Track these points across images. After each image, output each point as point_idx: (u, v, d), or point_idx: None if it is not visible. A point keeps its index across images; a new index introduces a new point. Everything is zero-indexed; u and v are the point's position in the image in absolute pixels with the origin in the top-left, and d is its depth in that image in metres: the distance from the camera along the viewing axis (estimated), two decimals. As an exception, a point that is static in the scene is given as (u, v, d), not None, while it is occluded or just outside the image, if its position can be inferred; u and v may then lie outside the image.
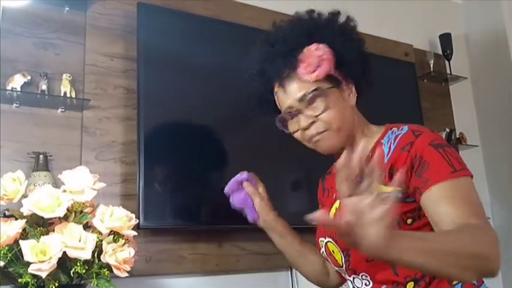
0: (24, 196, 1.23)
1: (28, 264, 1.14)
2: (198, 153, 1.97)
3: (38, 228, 1.20)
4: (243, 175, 1.33)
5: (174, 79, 1.96)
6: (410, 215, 1.03)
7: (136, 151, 1.82)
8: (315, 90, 1.09)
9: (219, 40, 2.11)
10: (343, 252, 1.13)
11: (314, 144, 1.14)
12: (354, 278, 1.13)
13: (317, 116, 1.10)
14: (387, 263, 1.02)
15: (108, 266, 1.23)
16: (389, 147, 1.07)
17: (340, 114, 1.11)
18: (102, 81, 1.90)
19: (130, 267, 1.27)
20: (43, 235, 1.18)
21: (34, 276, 1.14)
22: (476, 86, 3.05)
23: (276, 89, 1.16)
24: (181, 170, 1.92)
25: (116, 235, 1.27)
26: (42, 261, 1.13)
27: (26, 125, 1.74)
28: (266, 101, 1.20)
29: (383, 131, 1.13)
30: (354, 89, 1.15)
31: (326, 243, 1.18)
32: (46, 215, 1.18)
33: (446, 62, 2.86)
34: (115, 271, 1.23)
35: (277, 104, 1.18)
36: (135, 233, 1.31)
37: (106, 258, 1.21)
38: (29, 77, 1.73)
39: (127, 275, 1.25)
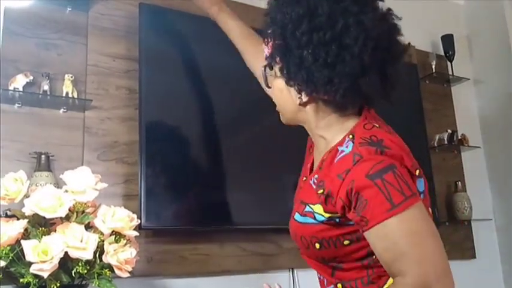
0: (26, 196, 1.23)
1: (30, 264, 1.14)
2: (200, 153, 1.98)
3: (40, 229, 1.20)
4: None
5: (176, 79, 1.97)
6: (348, 236, 1.01)
7: (138, 151, 1.82)
8: (265, 65, 1.13)
9: (221, 41, 2.10)
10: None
11: None
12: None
13: (266, 86, 1.17)
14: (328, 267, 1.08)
15: (110, 267, 1.23)
16: (333, 162, 1.01)
17: (280, 101, 1.14)
18: (104, 82, 1.91)
19: (132, 268, 1.27)
20: (45, 235, 1.18)
21: (36, 276, 1.14)
22: (478, 87, 3.04)
23: None
24: (183, 170, 1.92)
25: (117, 235, 1.27)
26: (44, 261, 1.13)
27: (28, 125, 1.75)
28: None
29: (346, 133, 1.04)
30: (303, 93, 1.05)
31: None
32: (48, 215, 1.19)
33: (448, 63, 2.86)
34: (116, 271, 1.23)
35: None
36: (136, 233, 1.31)
37: (107, 258, 1.21)
38: (31, 77, 1.73)
39: (128, 275, 1.25)
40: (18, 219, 1.22)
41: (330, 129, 1.08)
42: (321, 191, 1.01)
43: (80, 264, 1.19)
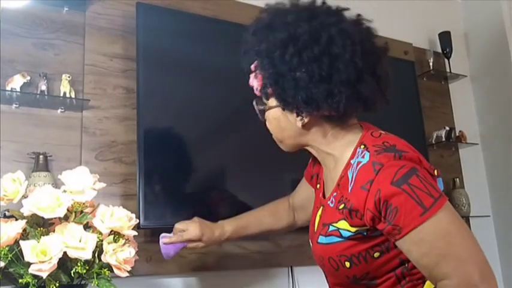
0: (25, 196, 1.23)
1: (29, 264, 1.14)
2: (198, 152, 1.97)
3: (38, 229, 1.19)
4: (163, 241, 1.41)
5: (174, 79, 1.96)
6: (378, 248, 1.00)
7: (136, 151, 1.82)
8: (257, 102, 1.15)
9: (219, 40, 2.11)
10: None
11: None
12: None
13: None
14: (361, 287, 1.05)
15: (109, 266, 1.23)
16: (352, 175, 0.99)
17: (278, 130, 1.14)
18: (102, 81, 1.90)
19: (131, 267, 1.27)
20: (43, 235, 1.18)
21: (35, 276, 1.14)
22: (475, 84, 3.05)
23: None
24: (181, 169, 1.92)
25: (116, 235, 1.27)
26: (43, 262, 1.13)
27: (25, 125, 1.74)
28: None
29: (355, 146, 1.05)
30: (304, 113, 1.05)
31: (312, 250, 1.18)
32: (46, 216, 1.18)
33: (446, 61, 2.86)
34: (116, 271, 1.23)
35: None
36: (135, 232, 1.31)
37: (106, 258, 1.21)
38: (29, 78, 1.73)
39: (128, 274, 1.25)
40: (16, 219, 1.22)
41: (335, 145, 1.08)
42: (342, 206, 1.00)
43: (79, 264, 1.18)
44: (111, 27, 1.97)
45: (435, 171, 0.99)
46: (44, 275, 1.13)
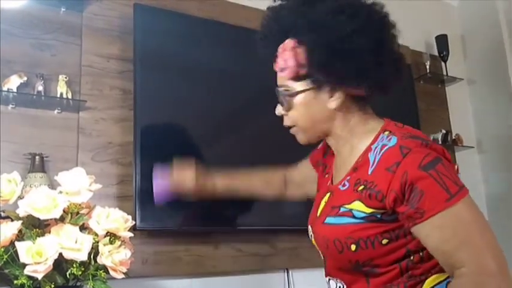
0: (20, 197, 1.23)
1: (24, 265, 1.13)
2: (195, 154, 1.97)
3: (34, 230, 1.19)
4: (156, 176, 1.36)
5: (171, 80, 1.96)
6: (387, 235, 0.99)
7: (132, 152, 1.82)
8: (284, 89, 1.08)
9: (215, 41, 2.11)
10: (321, 254, 1.13)
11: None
12: (329, 279, 1.12)
13: (286, 111, 1.10)
14: (361, 274, 1.03)
15: (105, 268, 1.22)
16: (375, 158, 1.00)
17: (306, 116, 1.08)
18: (99, 82, 1.90)
19: (127, 269, 1.26)
20: (39, 236, 1.17)
21: (30, 277, 1.14)
22: (472, 87, 3.06)
23: None
24: (178, 171, 1.91)
25: (112, 236, 1.26)
26: (38, 263, 1.13)
27: (22, 126, 1.74)
28: None
29: (376, 133, 1.06)
30: (338, 93, 1.05)
31: (311, 235, 1.15)
32: (42, 216, 1.18)
33: (443, 64, 2.87)
34: (111, 273, 1.23)
35: None
36: (131, 234, 1.31)
37: (102, 259, 1.21)
38: (25, 78, 1.73)
39: (123, 276, 1.25)
40: (12, 220, 1.21)
41: (356, 132, 1.09)
42: (361, 188, 1.00)
43: (74, 265, 1.18)
44: (108, 28, 1.97)
45: (455, 166, 1.00)
46: (40, 276, 1.13)
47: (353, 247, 1.00)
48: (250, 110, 2.12)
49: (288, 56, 1.04)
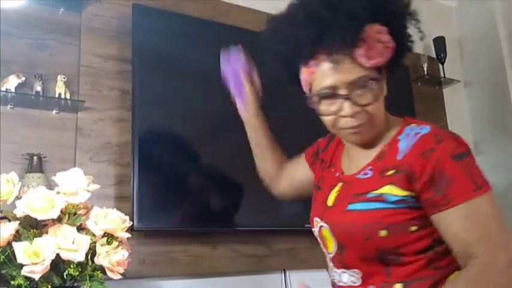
0: (18, 198, 1.23)
1: (21, 266, 1.14)
2: (193, 155, 1.98)
3: (32, 230, 1.19)
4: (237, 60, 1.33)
5: (169, 81, 1.97)
6: (416, 222, 0.99)
7: (130, 153, 1.82)
8: (371, 78, 1.00)
9: (214, 42, 2.10)
10: (337, 244, 1.08)
11: (348, 133, 1.06)
12: (342, 272, 1.08)
13: (365, 105, 1.01)
14: (383, 264, 1.01)
15: (102, 268, 1.23)
16: (406, 145, 1.02)
17: (380, 107, 1.05)
18: (97, 83, 1.90)
19: (124, 270, 1.26)
20: (36, 237, 1.17)
21: (27, 278, 1.14)
22: (469, 89, 3.07)
23: (316, 60, 1.01)
24: (176, 172, 1.92)
25: (109, 237, 1.26)
26: (35, 263, 1.13)
27: (20, 126, 1.74)
28: (289, 65, 1.08)
29: (400, 126, 1.08)
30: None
31: (321, 226, 1.11)
32: (39, 217, 1.18)
33: (440, 66, 2.88)
34: (108, 273, 1.23)
35: (305, 76, 1.05)
36: (128, 235, 1.31)
37: (99, 260, 1.21)
38: (24, 78, 1.72)
39: (120, 277, 1.25)
40: (9, 220, 1.21)
41: (384, 124, 1.09)
42: (391, 172, 1.01)
43: (71, 266, 1.18)
44: (106, 28, 1.97)
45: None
46: (37, 276, 1.13)
47: (383, 233, 0.99)
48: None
49: (375, 43, 0.99)
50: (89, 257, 1.22)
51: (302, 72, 1.06)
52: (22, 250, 1.14)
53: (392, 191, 1.00)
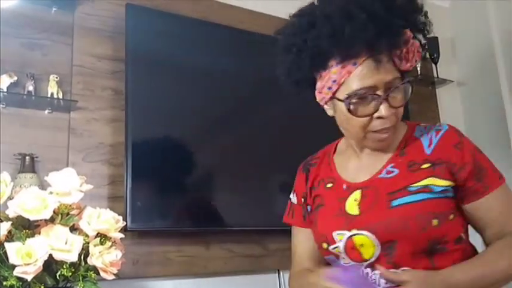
0: (10, 198, 1.22)
1: (13, 267, 1.13)
2: (186, 154, 1.97)
3: (24, 231, 1.18)
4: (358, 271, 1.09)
5: (163, 81, 1.96)
6: (452, 211, 1.05)
7: (123, 153, 1.81)
8: (406, 80, 1.02)
9: (208, 42, 2.11)
10: (382, 245, 1.04)
11: (377, 136, 1.05)
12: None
13: (397, 107, 1.02)
14: (428, 258, 1.03)
15: (95, 269, 1.22)
16: (430, 140, 1.08)
17: (401, 112, 1.06)
18: (90, 83, 1.89)
19: (117, 270, 1.26)
20: (29, 237, 1.17)
21: (19, 279, 1.13)
22: (462, 89, 3.08)
23: (355, 59, 0.99)
24: (169, 171, 1.91)
25: (102, 237, 1.26)
26: (28, 264, 1.12)
27: (12, 126, 1.73)
28: (316, 63, 1.04)
29: (408, 127, 1.15)
30: None
31: (350, 236, 1.06)
32: (32, 217, 1.17)
33: (433, 66, 2.89)
34: (102, 274, 1.22)
35: (337, 75, 1.01)
36: (122, 235, 1.31)
37: (93, 260, 1.21)
38: (16, 78, 1.71)
39: (114, 277, 1.25)
40: (1, 221, 1.20)
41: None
42: (426, 165, 1.05)
43: (64, 266, 1.18)
44: (100, 28, 1.96)
45: None
46: (29, 277, 1.12)
47: (435, 222, 1.02)
48: (242, 110, 2.12)
49: (412, 46, 1.03)
50: (82, 257, 1.21)
51: (332, 71, 1.02)
52: (14, 251, 1.13)
53: (435, 182, 1.04)
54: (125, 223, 1.35)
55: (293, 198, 1.29)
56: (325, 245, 1.12)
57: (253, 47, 2.19)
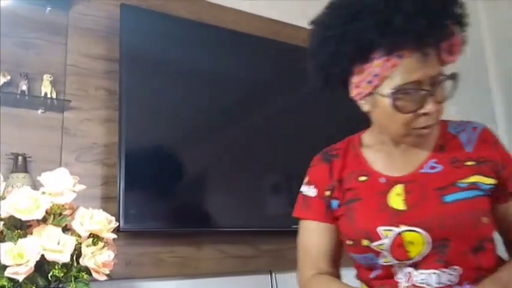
0: (2, 198, 1.22)
1: (5, 267, 1.13)
2: (179, 155, 1.97)
3: (16, 231, 1.18)
4: None
5: (156, 81, 1.96)
6: (490, 209, 1.05)
7: (117, 153, 1.81)
8: (449, 75, 0.98)
9: (202, 43, 2.11)
10: (434, 243, 0.99)
11: (419, 133, 1.01)
12: (434, 273, 1.00)
13: (440, 103, 0.98)
14: (474, 256, 1.02)
15: (87, 269, 1.22)
16: (469, 138, 1.09)
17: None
18: (84, 82, 1.89)
19: (110, 271, 1.26)
20: (21, 238, 1.17)
21: (11, 279, 1.13)
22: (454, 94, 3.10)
23: (400, 52, 0.94)
24: (162, 172, 1.91)
25: (95, 238, 1.26)
26: (19, 265, 1.12)
27: (5, 125, 1.72)
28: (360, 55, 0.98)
29: (440, 124, 1.10)
30: None
31: (400, 232, 1.00)
32: (24, 217, 1.17)
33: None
34: (94, 274, 1.22)
35: (380, 69, 0.96)
36: (114, 236, 1.31)
37: (85, 261, 1.21)
38: (9, 77, 1.71)
39: (106, 278, 1.24)
40: (-7, 221, 1.20)
41: None
42: (471, 163, 1.05)
43: (56, 267, 1.17)
44: (94, 28, 1.96)
45: None
46: (21, 278, 1.12)
47: (485, 219, 1.01)
48: (237, 111, 2.12)
49: (456, 39, 0.99)
50: (74, 258, 1.21)
51: (374, 64, 0.97)
52: (6, 251, 1.13)
53: (482, 180, 1.03)
54: (117, 224, 1.35)
55: (309, 190, 1.17)
56: (365, 242, 1.03)
57: (247, 49, 2.20)
